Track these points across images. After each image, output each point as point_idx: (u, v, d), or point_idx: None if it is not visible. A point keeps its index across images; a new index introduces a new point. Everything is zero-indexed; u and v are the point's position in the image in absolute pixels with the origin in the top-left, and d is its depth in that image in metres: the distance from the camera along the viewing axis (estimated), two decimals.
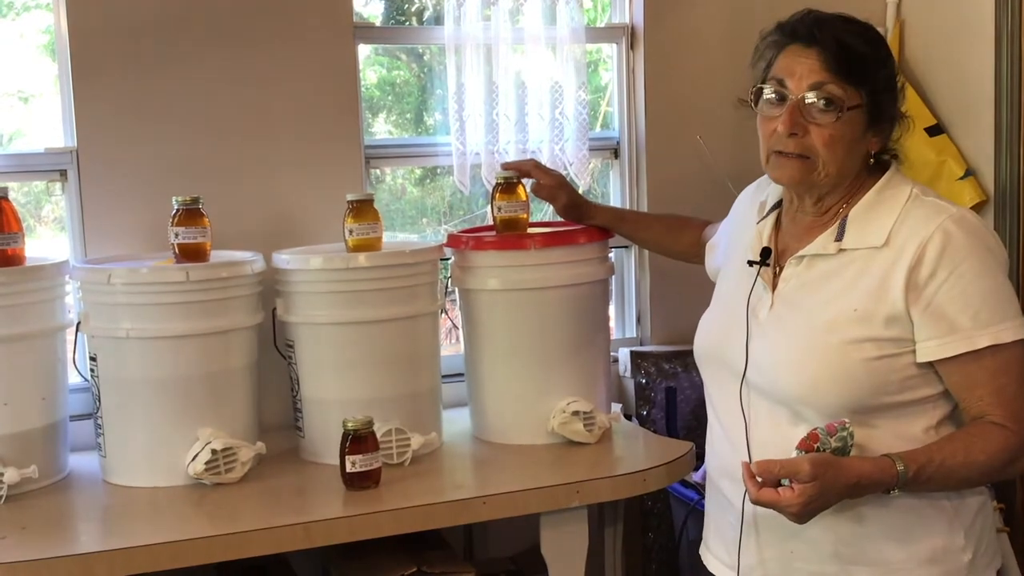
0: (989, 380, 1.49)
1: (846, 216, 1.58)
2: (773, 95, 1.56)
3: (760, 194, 1.75)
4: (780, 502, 1.43)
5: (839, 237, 1.56)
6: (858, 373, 1.50)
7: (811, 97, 1.52)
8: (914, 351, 1.51)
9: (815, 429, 1.47)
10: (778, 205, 1.70)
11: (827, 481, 1.43)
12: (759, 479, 1.45)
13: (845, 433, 1.47)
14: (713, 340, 1.72)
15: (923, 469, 1.46)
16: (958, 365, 1.50)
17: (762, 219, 1.70)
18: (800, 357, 1.53)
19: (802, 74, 1.53)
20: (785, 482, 1.45)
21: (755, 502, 1.46)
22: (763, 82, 1.58)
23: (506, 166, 2.33)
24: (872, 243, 1.53)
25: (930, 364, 1.51)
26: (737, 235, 1.77)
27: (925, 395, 1.53)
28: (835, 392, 1.50)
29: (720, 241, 1.91)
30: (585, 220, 2.28)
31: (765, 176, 1.67)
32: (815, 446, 1.45)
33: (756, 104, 1.60)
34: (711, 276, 1.91)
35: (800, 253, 1.60)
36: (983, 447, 1.48)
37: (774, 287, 1.62)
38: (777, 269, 1.63)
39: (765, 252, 1.64)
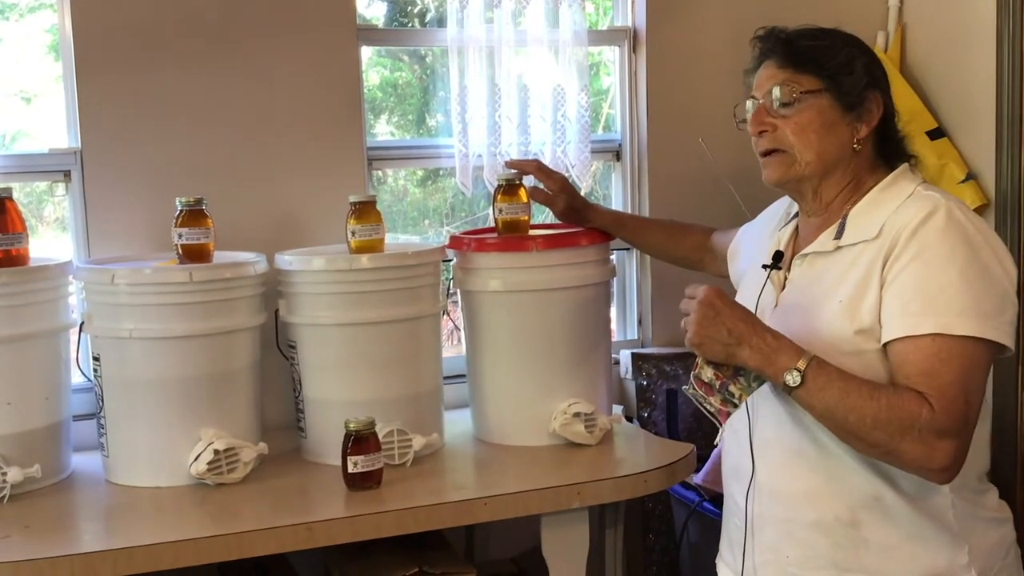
0: (921, 361, 1.43)
1: (847, 214, 1.60)
2: (747, 110, 1.66)
3: (793, 205, 1.77)
4: (698, 289, 1.52)
5: (838, 235, 1.59)
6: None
7: (771, 95, 1.61)
8: None
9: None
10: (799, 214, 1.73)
11: (728, 300, 1.51)
12: None
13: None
14: None
15: (827, 368, 1.44)
16: (898, 347, 1.46)
17: (784, 226, 1.74)
18: None
19: (763, 82, 1.63)
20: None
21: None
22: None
23: (510, 164, 2.33)
24: (865, 237, 1.55)
25: None
26: (761, 242, 1.79)
27: None
28: None
29: (742, 248, 1.93)
30: (585, 224, 2.29)
31: None
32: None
33: (744, 126, 1.68)
34: (735, 284, 1.91)
35: (803, 252, 1.63)
36: (890, 395, 1.42)
37: (783, 288, 1.64)
38: (787, 272, 1.66)
39: (777, 256, 1.66)
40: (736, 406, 1.54)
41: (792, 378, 1.44)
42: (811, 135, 1.59)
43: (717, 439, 1.67)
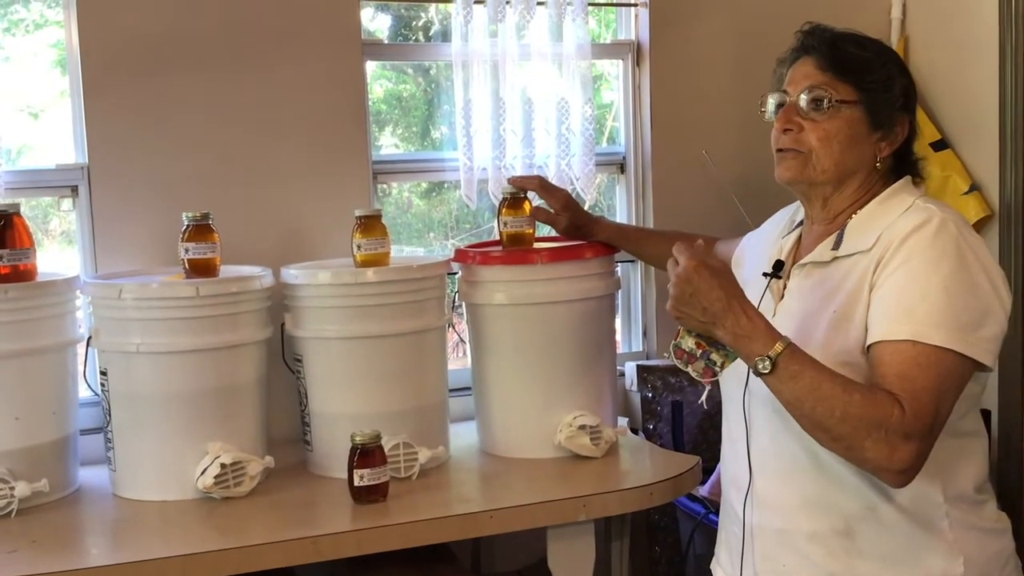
0: (898, 363, 1.43)
1: (846, 225, 1.60)
2: (776, 103, 1.64)
3: (797, 214, 1.77)
4: (686, 250, 1.50)
5: (836, 246, 1.59)
6: None
7: (804, 96, 1.59)
8: None
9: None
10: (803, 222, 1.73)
11: (726, 272, 1.49)
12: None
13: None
14: None
15: (802, 358, 1.42)
16: (875, 351, 1.46)
17: (787, 234, 1.73)
18: None
19: (799, 80, 1.61)
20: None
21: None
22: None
23: (512, 181, 2.34)
24: (861, 248, 1.55)
25: None
26: (765, 249, 1.79)
27: None
28: None
29: (746, 257, 1.93)
30: (589, 239, 2.29)
31: None
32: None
33: (766, 115, 1.66)
34: None
35: (801, 262, 1.63)
36: (864, 393, 1.41)
37: (781, 298, 1.64)
38: (787, 281, 1.66)
39: (777, 264, 1.66)
40: (718, 372, 1.53)
41: (763, 365, 1.43)
42: (834, 145, 1.58)
43: (703, 398, 1.65)
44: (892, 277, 1.48)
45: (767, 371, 1.43)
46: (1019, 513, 2.51)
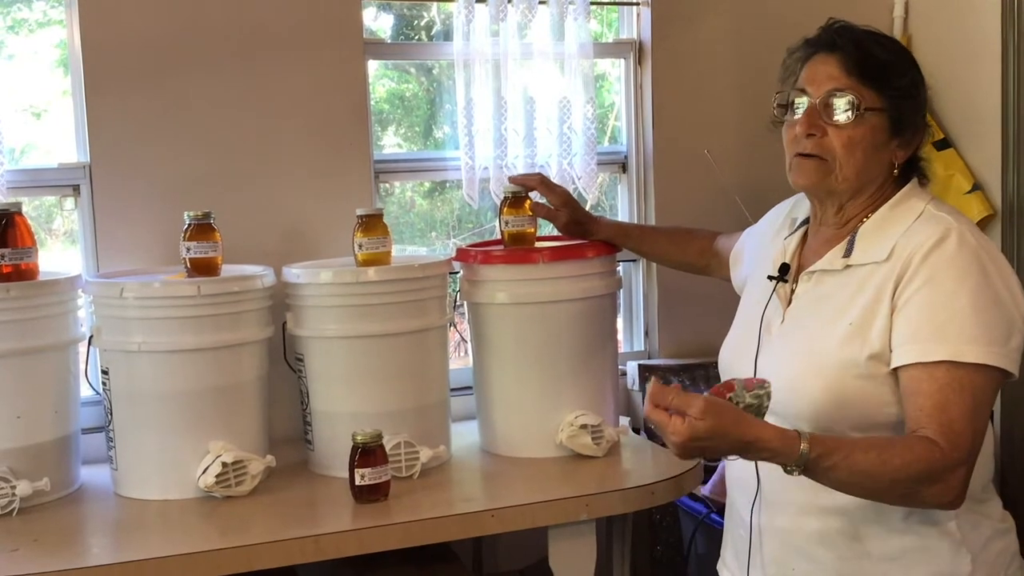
0: (935, 392, 1.42)
1: (856, 231, 1.58)
2: (795, 102, 1.59)
3: (795, 210, 1.75)
4: (666, 426, 1.35)
5: (847, 253, 1.57)
6: (854, 391, 1.49)
7: (831, 100, 1.55)
8: None
9: (733, 380, 1.41)
10: (807, 221, 1.70)
11: (721, 425, 1.34)
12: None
13: (763, 392, 1.40)
14: (728, 355, 1.73)
15: (828, 454, 1.38)
16: (910, 373, 1.45)
17: (790, 234, 1.71)
18: (800, 374, 1.54)
19: (822, 79, 1.56)
20: None
21: (645, 417, 1.39)
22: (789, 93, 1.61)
23: (513, 180, 2.34)
24: (875, 258, 1.53)
25: None
26: (764, 249, 1.77)
27: None
28: (833, 410, 1.50)
29: (744, 253, 1.92)
30: (589, 236, 2.29)
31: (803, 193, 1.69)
32: (728, 395, 1.39)
33: (780, 113, 1.62)
34: (737, 290, 1.91)
35: (810, 269, 1.61)
36: (901, 454, 1.39)
37: (789, 303, 1.63)
38: (794, 285, 1.64)
39: (783, 268, 1.65)
40: None
41: (796, 472, 1.39)
42: (858, 153, 1.54)
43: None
44: (917, 296, 1.46)
45: (799, 473, 1.39)
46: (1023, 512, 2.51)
